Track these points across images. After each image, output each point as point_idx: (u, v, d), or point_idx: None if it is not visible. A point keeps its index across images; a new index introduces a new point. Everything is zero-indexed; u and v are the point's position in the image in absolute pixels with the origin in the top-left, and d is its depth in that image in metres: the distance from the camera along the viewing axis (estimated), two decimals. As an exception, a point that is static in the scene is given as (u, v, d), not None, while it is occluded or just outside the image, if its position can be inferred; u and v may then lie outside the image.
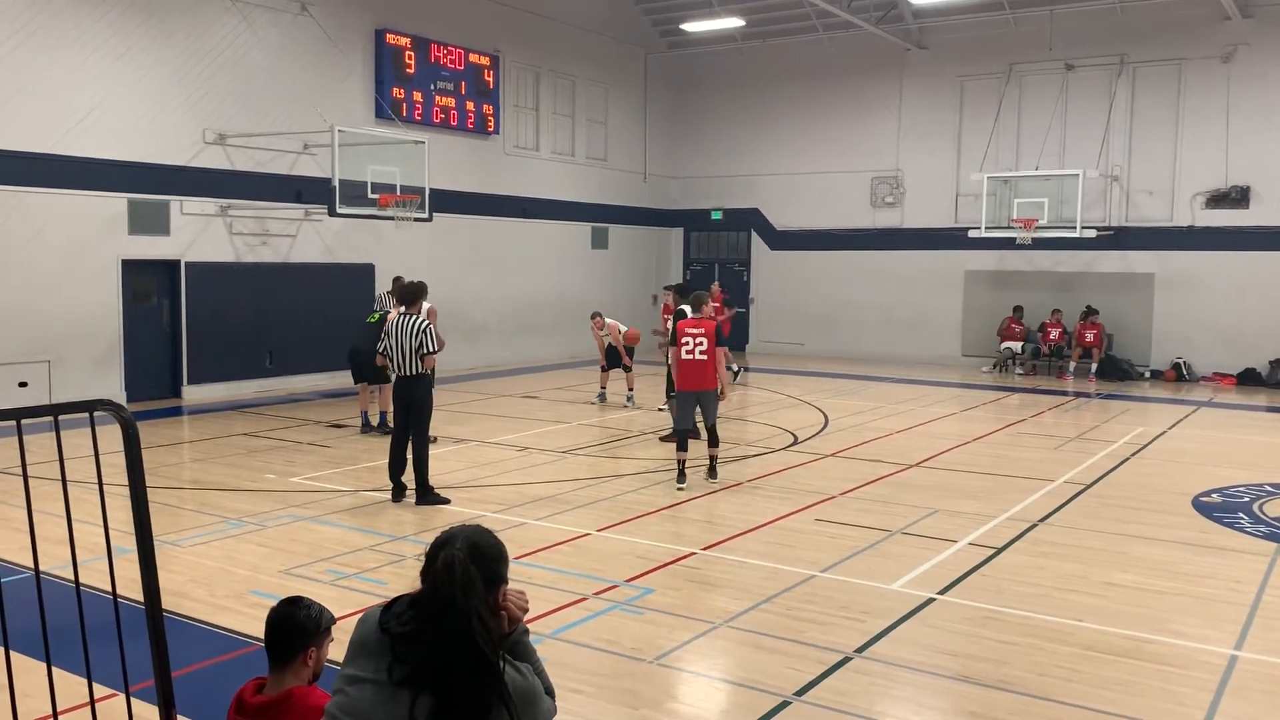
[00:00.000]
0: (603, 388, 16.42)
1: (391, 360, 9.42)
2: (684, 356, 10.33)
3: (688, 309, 12.78)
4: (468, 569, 2.29)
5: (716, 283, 20.21)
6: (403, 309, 9.66)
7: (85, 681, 3.43)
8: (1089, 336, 20.89)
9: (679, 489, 10.15)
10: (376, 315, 13.12)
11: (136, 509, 3.15)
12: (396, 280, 16.15)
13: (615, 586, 7.04)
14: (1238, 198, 20.39)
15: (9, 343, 14.10)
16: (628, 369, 15.90)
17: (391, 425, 10.16)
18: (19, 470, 3.48)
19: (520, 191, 22.34)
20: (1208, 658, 5.87)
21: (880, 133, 24.20)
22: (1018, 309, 22.07)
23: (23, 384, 14.18)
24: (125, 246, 15.41)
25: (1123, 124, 21.41)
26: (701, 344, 10.38)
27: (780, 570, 7.43)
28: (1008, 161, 22.41)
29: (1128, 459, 12.10)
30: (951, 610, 6.64)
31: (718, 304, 16.52)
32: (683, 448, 10.40)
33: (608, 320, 15.94)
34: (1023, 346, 21.83)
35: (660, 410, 14.68)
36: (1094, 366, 20.77)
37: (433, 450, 9.96)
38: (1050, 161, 21.75)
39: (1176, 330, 20.75)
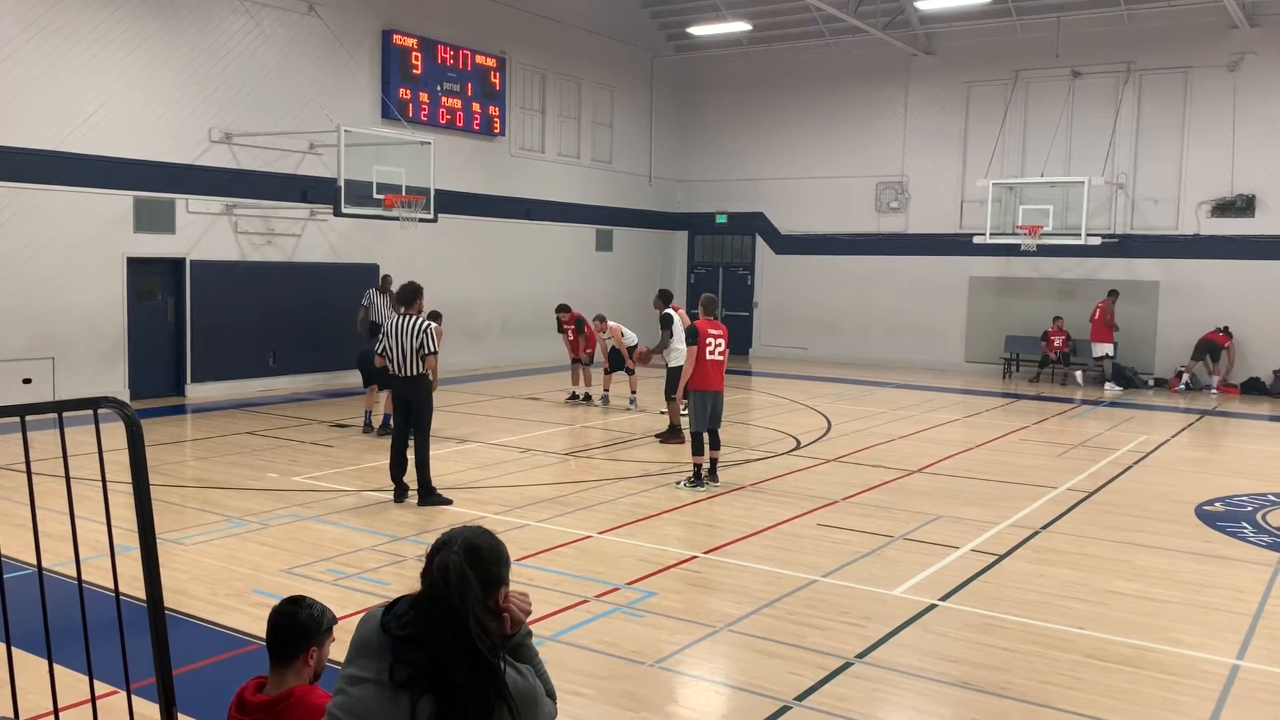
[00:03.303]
0: (606, 390, 16.43)
1: (391, 361, 9.42)
2: (708, 357, 10.37)
3: (673, 314, 12.84)
4: (463, 573, 2.29)
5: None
6: (401, 309, 9.65)
7: (86, 678, 3.44)
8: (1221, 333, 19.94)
9: (683, 488, 10.20)
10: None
11: (139, 506, 3.16)
12: (385, 279, 16.34)
13: (617, 589, 7.04)
14: (1243, 206, 20.36)
15: (14, 339, 14.12)
16: (631, 372, 15.91)
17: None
18: (22, 467, 3.49)
19: (525, 193, 22.36)
20: (1209, 667, 5.86)
21: (886, 138, 24.19)
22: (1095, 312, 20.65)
23: (27, 380, 14.20)
24: (130, 244, 15.44)
25: (1129, 131, 21.38)
26: (721, 344, 10.49)
27: (782, 575, 7.43)
28: (1013, 168, 22.39)
29: (1131, 467, 12.07)
30: (953, 617, 6.63)
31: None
32: (700, 451, 10.38)
33: (610, 323, 15.95)
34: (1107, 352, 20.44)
35: (662, 413, 14.67)
36: (1216, 379, 19.87)
37: (434, 451, 9.96)
38: (1056, 168, 21.73)
39: (1181, 339, 20.68)
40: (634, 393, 16.04)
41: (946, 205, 23.41)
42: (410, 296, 9.67)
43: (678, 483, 10.42)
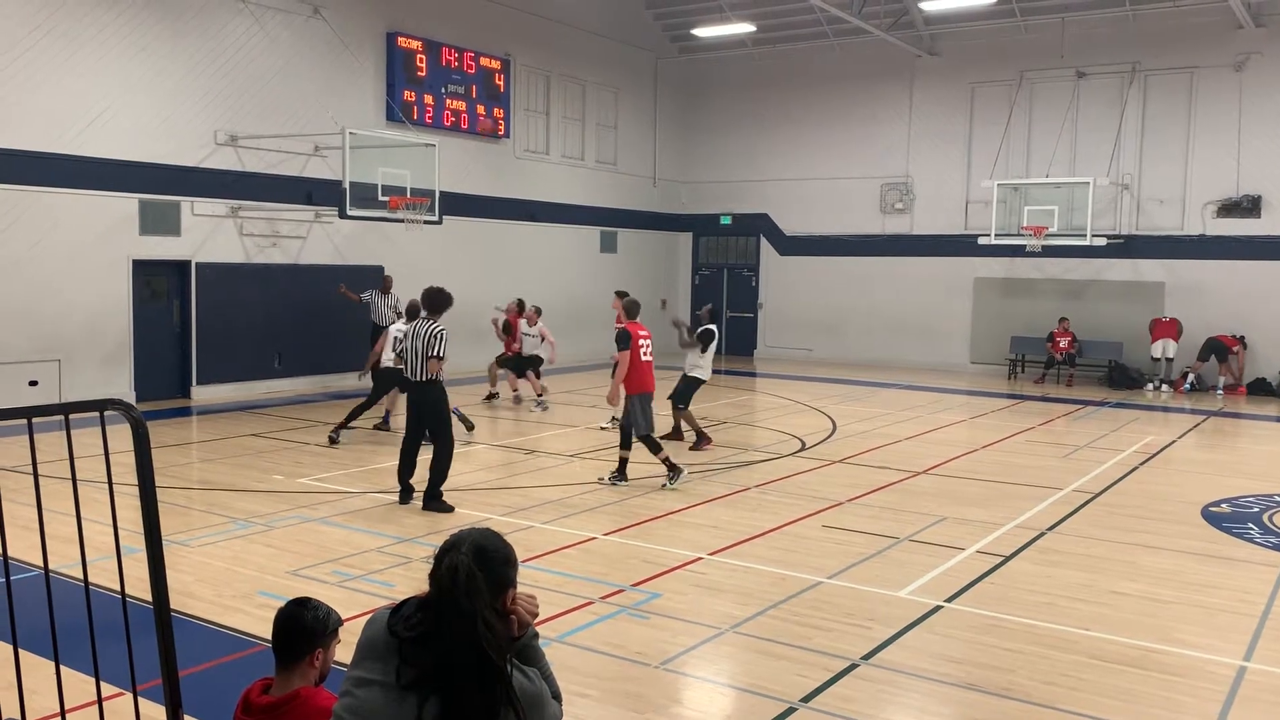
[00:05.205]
0: (516, 390, 16.57)
1: (407, 364, 9.44)
2: (642, 359, 10.50)
3: (714, 330, 12.89)
4: (472, 574, 2.30)
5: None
6: (423, 313, 9.59)
7: (93, 680, 3.45)
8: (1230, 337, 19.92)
9: (619, 484, 10.35)
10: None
11: (145, 508, 3.17)
12: (387, 279, 16.63)
13: (622, 591, 7.04)
14: (1249, 207, 20.32)
15: (20, 341, 14.16)
16: (539, 375, 16.06)
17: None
18: (29, 469, 3.49)
19: (530, 195, 22.38)
20: (1215, 668, 5.85)
21: (891, 139, 24.17)
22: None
23: (33, 383, 14.23)
24: (136, 246, 15.47)
25: (1134, 132, 21.35)
26: (649, 345, 10.70)
27: (787, 576, 7.42)
28: (1018, 168, 22.38)
29: (1137, 468, 12.05)
30: (958, 618, 6.63)
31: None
32: (658, 449, 10.49)
33: (542, 324, 15.95)
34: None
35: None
36: (1224, 380, 19.75)
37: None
38: (1061, 169, 21.70)
39: (1187, 340, 20.64)
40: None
41: (951, 206, 23.39)
42: (437, 303, 9.46)
43: (600, 478, 10.56)
